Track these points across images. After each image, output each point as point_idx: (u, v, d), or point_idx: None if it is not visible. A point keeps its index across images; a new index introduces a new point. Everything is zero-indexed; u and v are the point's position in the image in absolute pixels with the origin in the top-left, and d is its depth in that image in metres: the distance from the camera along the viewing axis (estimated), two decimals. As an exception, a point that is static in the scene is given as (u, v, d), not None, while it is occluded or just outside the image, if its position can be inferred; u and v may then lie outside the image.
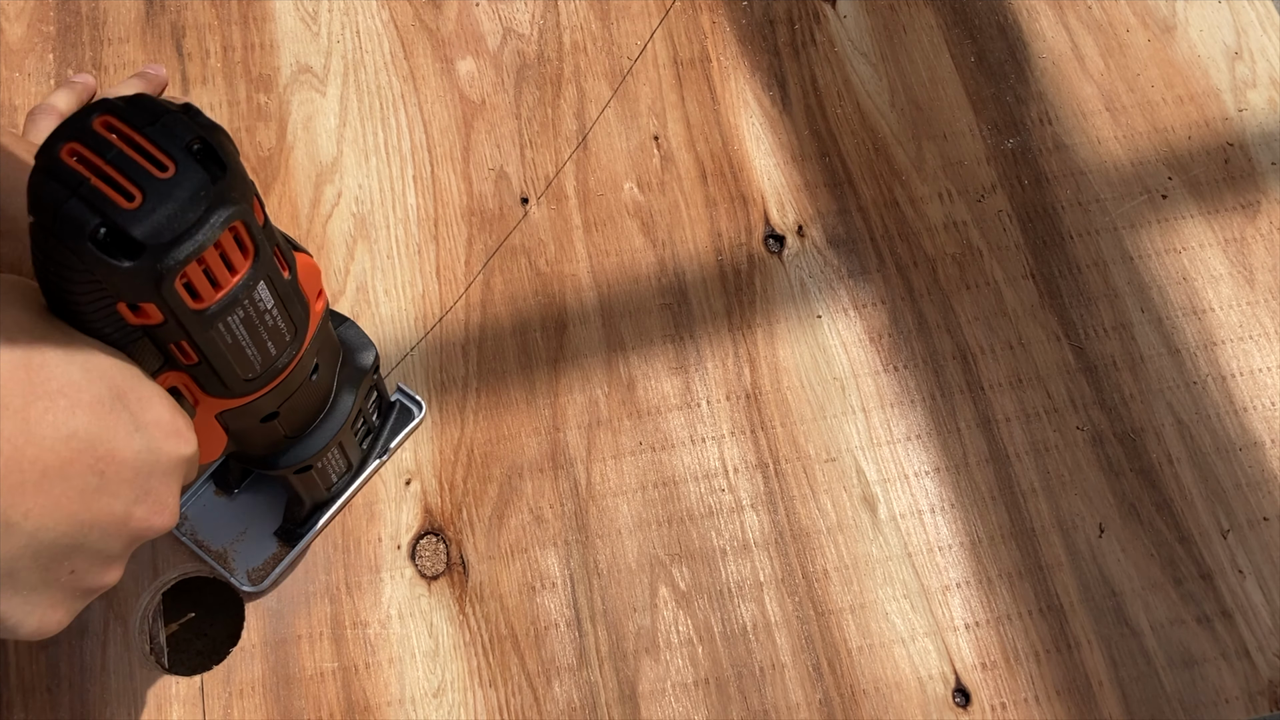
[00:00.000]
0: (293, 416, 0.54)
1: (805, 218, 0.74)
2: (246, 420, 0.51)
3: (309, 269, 0.49)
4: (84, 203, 0.39)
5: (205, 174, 0.40)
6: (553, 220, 0.73)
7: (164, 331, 0.43)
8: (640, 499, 0.66)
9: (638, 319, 0.71)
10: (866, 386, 0.69)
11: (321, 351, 0.53)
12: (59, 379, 0.40)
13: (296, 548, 0.62)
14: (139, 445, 0.42)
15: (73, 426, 0.39)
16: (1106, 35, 0.81)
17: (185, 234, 0.40)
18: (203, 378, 0.46)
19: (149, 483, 0.43)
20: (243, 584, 0.62)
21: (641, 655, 0.62)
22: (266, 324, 0.46)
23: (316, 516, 0.63)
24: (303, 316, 0.49)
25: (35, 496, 0.38)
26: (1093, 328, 0.71)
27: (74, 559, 0.41)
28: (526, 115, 0.77)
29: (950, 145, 0.77)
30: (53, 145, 0.40)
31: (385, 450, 0.65)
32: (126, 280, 0.40)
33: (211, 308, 0.43)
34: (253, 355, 0.47)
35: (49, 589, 0.41)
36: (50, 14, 0.79)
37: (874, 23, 0.81)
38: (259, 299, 0.45)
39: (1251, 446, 0.68)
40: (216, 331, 0.44)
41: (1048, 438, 0.68)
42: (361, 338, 0.58)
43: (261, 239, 0.43)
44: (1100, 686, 0.62)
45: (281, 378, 0.49)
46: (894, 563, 0.64)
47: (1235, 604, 0.64)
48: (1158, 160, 0.77)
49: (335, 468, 0.61)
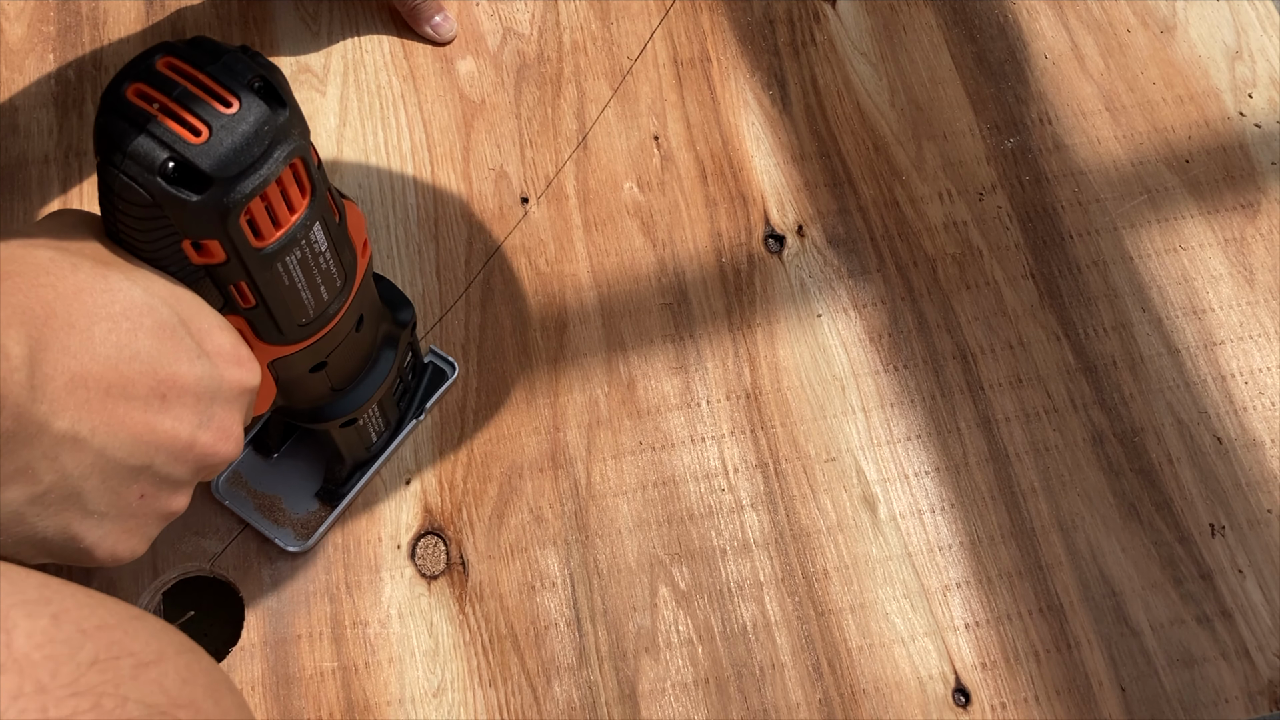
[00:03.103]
0: (340, 367, 0.55)
1: (805, 218, 0.74)
2: (297, 370, 0.52)
3: (356, 217, 0.50)
4: (152, 138, 0.40)
5: (268, 110, 0.41)
6: (553, 220, 0.74)
7: (225, 271, 0.44)
8: (640, 499, 0.66)
9: (638, 319, 0.71)
10: (866, 386, 0.69)
11: (366, 303, 0.54)
12: (123, 301, 0.40)
13: (338, 507, 0.64)
14: (201, 371, 0.43)
15: (136, 348, 0.40)
16: (1106, 35, 0.81)
17: (250, 168, 0.41)
18: (259, 322, 0.47)
19: (212, 409, 0.43)
20: (287, 544, 0.63)
21: (641, 655, 0.62)
22: (320, 267, 0.47)
23: (357, 476, 0.64)
24: (351, 263, 0.50)
25: (100, 413, 0.39)
26: (1093, 328, 0.71)
27: (141, 482, 0.42)
28: (526, 115, 0.77)
29: (950, 145, 0.77)
30: (118, 86, 0.41)
31: (421, 410, 0.66)
32: (193, 215, 0.41)
33: (271, 246, 0.44)
34: (307, 299, 0.48)
35: (120, 514, 0.42)
36: (50, 14, 0.79)
37: (874, 23, 0.81)
38: (314, 240, 0.46)
39: (1251, 446, 0.68)
40: (275, 272, 0.45)
41: (1048, 438, 0.68)
42: (399, 295, 0.59)
43: (318, 178, 0.45)
44: (1100, 686, 0.62)
45: (331, 325, 0.51)
46: (894, 563, 0.64)
47: (1235, 604, 0.64)
48: (1158, 160, 0.77)
49: (375, 426, 0.62)
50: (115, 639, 0.34)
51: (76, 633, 0.33)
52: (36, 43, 0.78)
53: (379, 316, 0.57)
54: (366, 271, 0.52)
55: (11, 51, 0.78)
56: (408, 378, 0.64)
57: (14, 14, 0.79)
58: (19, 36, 0.78)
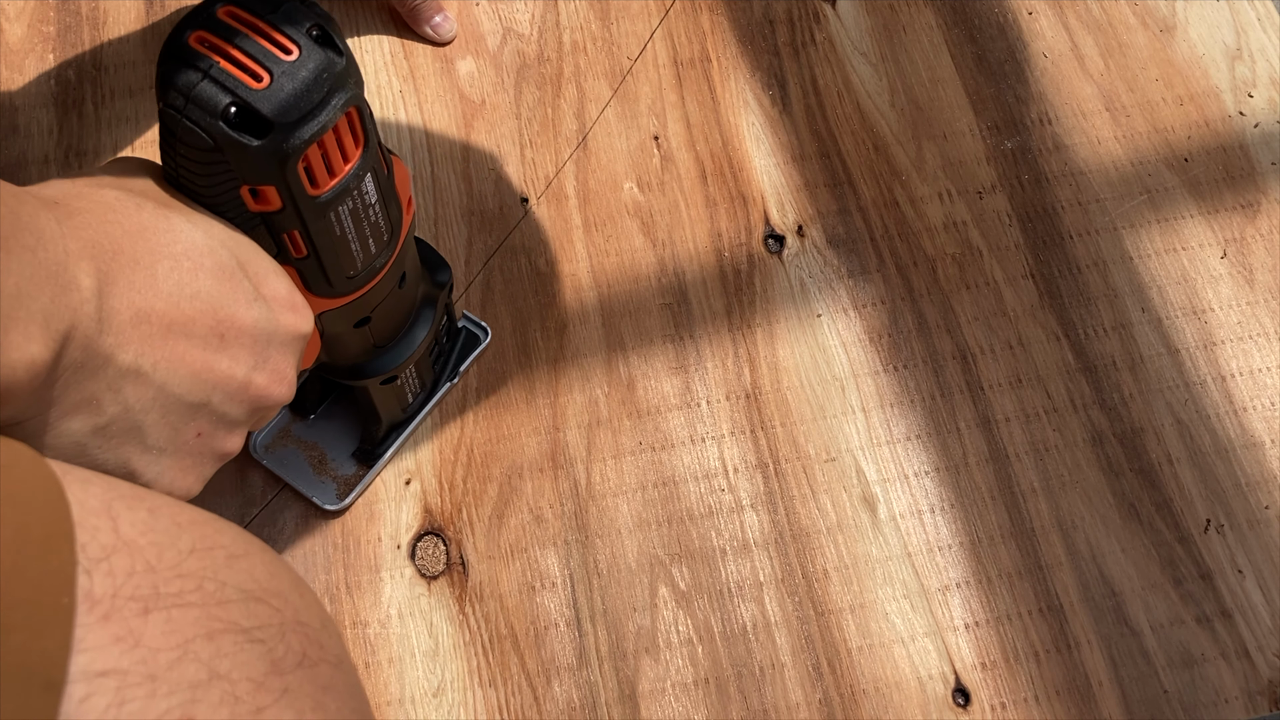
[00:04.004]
0: (382, 324, 0.56)
1: (805, 218, 0.74)
2: (343, 324, 0.53)
3: (403, 173, 0.51)
4: (215, 84, 0.41)
5: (326, 57, 0.42)
6: (553, 220, 0.73)
7: (280, 219, 0.45)
8: (640, 499, 0.66)
9: (638, 319, 0.71)
10: (866, 386, 0.69)
11: (408, 261, 0.55)
12: (184, 242, 0.41)
13: (375, 467, 0.65)
14: (258, 314, 0.43)
15: (196, 287, 0.41)
16: (1106, 35, 0.81)
17: (310, 114, 0.42)
18: (309, 273, 0.48)
19: (267, 351, 0.44)
20: (326, 502, 0.64)
21: (641, 655, 0.62)
22: (369, 220, 0.48)
23: (394, 437, 0.65)
24: (398, 218, 0.51)
25: (161, 349, 0.40)
26: (1093, 328, 0.71)
27: (199, 420, 0.43)
28: (526, 115, 0.77)
29: (950, 145, 0.77)
30: (180, 34, 0.42)
31: (455, 374, 0.67)
32: (254, 160, 0.42)
33: (326, 194, 0.45)
34: (356, 250, 0.49)
35: (177, 451, 0.43)
36: (50, 14, 0.79)
37: (874, 23, 0.81)
38: (366, 191, 0.47)
39: (1251, 446, 0.68)
40: (328, 221, 0.46)
41: (1048, 438, 0.68)
42: (437, 257, 0.60)
43: (371, 128, 0.46)
44: (1100, 686, 0.62)
45: (377, 279, 0.52)
46: (894, 563, 0.64)
47: (1235, 604, 0.64)
48: (1158, 160, 0.77)
49: (411, 387, 0.64)
50: (206, 533, 0.35)
51: (172, 525, 0.34)
52: (36, 43, 0.78)
53: (419, 276, 0.58)
54: (410, 228, 0.53)
55: (11, 51, 0.78)
56: (443, 341, 0.65)
57: (14, 14, 0.79)
58: (19, 36, 0.78)
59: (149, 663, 0.30)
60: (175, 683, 0.30)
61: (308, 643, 0.35)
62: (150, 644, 0.30)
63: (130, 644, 0.30)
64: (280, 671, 0.34)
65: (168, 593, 0.32)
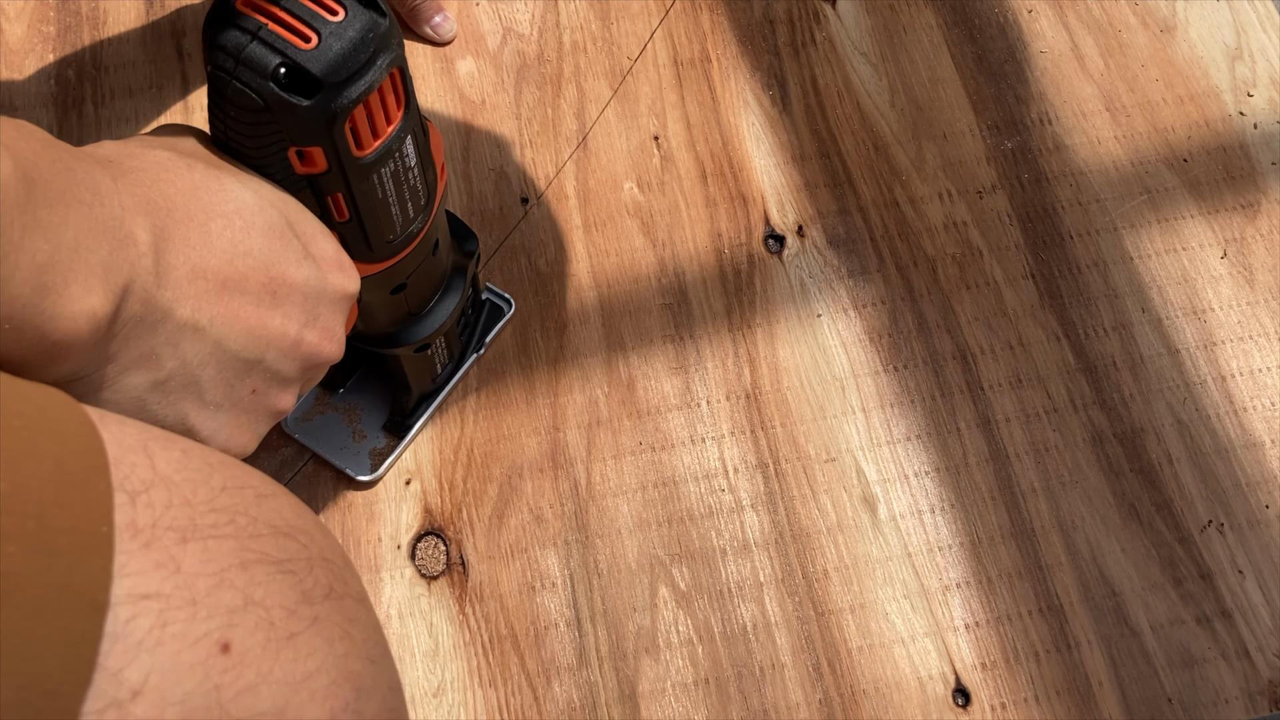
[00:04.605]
0: (418, 290, 0.57)
1: (805, 218, 0.74)
2: (380, 291, 0.54)
3: (436, 138, 0.52)
4: (264, 45, 0.42)
5: (372, 17, 0.43)
6: (553, 220, 0.73)
7: (326, 181, 0.46)
8: (640, 499, 0.66)
9: (638, 319, 0.71)
10: (866, 386, 0.69)
11: (440, 228, 0.56)
12: (234, 201, 0.42)
13: (406, 438, 0.66)
14: (308, 273, 0.44)
15: (248, 245, 0.42)
16: (1106, 35, 0.81)
17: (357, 73, 0.43)
18: (351, 237, 0.49)
19: (317, 309, 0.45)
20: (358, 473, 0.64)
21: (641, 655, 0.62)
22: (409, 183, 0.49)
23: (423, 408, 0.66)
24: (433, 182, 0.52)
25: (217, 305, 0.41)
26: (1093, 328, 0.71)
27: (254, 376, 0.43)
28: (526, 115, 0.77)
29: (950, 145, 0.77)
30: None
31: (481, 345, 0.68)
32: (303, 120, 0.43)
33: (370, 155, 0.46)
34: (396, 214, 0.50)
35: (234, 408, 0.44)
36: (50, 14, 0.79)
37: (874, 23, 0.81)
38: (406, 154, 0.48)
39: (1251, 446, 0.68)
40: (371, 184, 0.47)
41: (1048, 438, 0.68)
42: (464, 227, 0.61)
43: (412, 91, 0.47)
44: (1100, 686, 0.62)
45: (414, 244, 0.53)
46: (894, 563, 0.64)
47: (1235, 604, 0.64)
48: (1158, 160, 0.77)
49: (441, 357, 0.65)
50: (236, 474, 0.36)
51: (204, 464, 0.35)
52: (36, 43, 0.78)
53: (449, 245, 0.59)
54: (443, 194, 0.54)
55: (11, 51, 0.78)
56: (468, 312, 0.66)
57: (14, 14, 0.79)
58: (19, 36, 0.78)
59: (189, 588, 0.31)
60: (214, 607, 0.32)
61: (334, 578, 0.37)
62: (189, 570, 0.32)
63: (171, 570, 0.31)
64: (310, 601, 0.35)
65: (203, 525, 0.33)
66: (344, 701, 0.35)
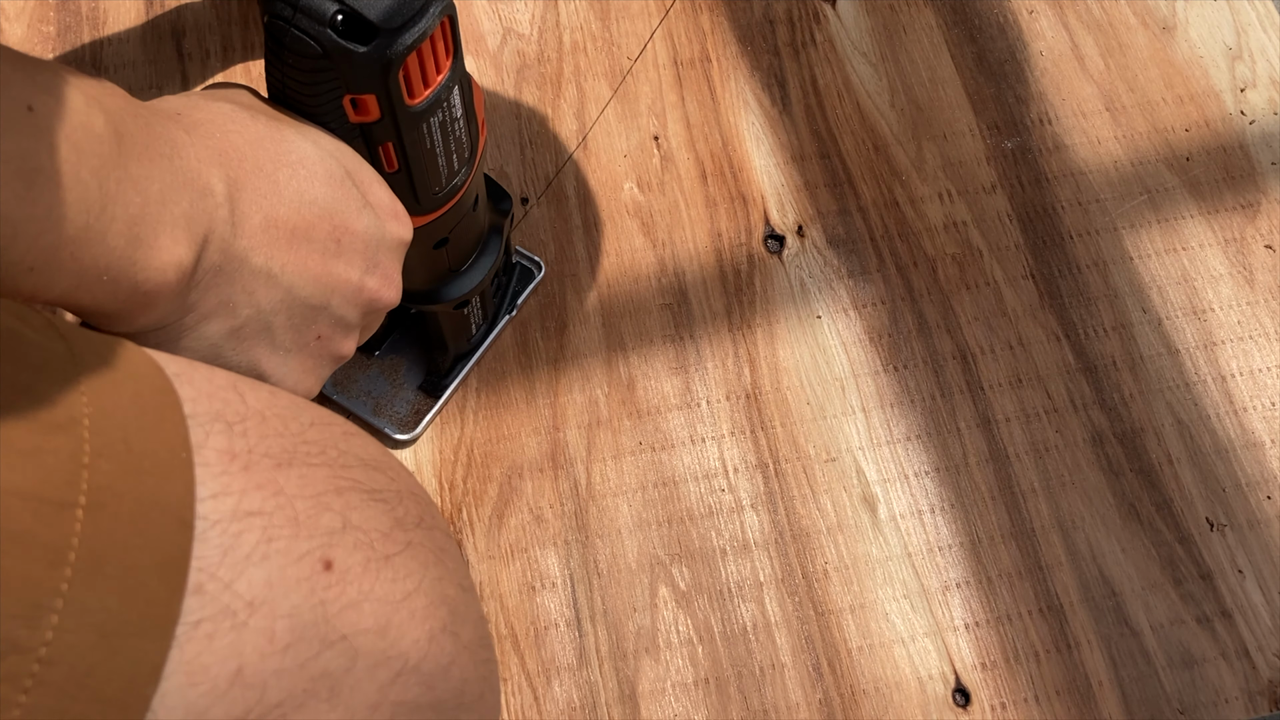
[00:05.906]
0: (458, 246, 0.58)
1: (805, 218, 0.74)
2: (423, 245, 0.55)
3: (478, 91, 0.53)
4: None
5: None
6: (553, 220, 0.73)
7: (378, 130, 0.47)
8: (640, 499, 0.66)
9: (638, 319, 0.71)
10: (866, 386, 0.69)
11: (479, 185, 0.57)
12: (297, 152, 0.43)
13: (442, 398, 0.67)
14: (368, 221, 0.45)
15: (313, 194, 0.43)
16: (1106, 35, 0.81)
17: (411, 20, 0.44)
18: (399, 189, 0.50)
19: (377, 255, 0.46)
20: (395, 432, 0.66)
21: (641, 655, 0.62)
22: (454, 134, 0.50)
23: (459, 368, 0.67)
24: (476, 135, 0.53)
25: (287, 252, 0.42)
26: (1093, 328, 0.71)
27: (319, 322, 0.45)
28: (526, 115, 0.77)
29: (950, 145, 0.77)
30: None
31: (513, 307, 0.69)
32: (359, 67, 0.44)
33: (420, 104, 0.47)
34: (442, 165, 0.51)
35: (302, 352, 0.45)
36: (50, 14, 0.79)
37: (874, 23, 0.81)
38: (453, 104, 0.49)
39: (1251, 446, 0.68)
40: (420, 133, 0.48)
41: (1048, 438, 0.68)
42: (498, 187, 0.62)
43: (459, 41, 0.48)
44: (1100, 686, 0.62)
45: (457, 197, 0.54)
46: (894, 563, 0.64)
47: (1235, 604, 0.64)
48: (1158, 160, 0.77)
49: (476, 317, 0.66)
50: (322, 412, 0.38)
51: (292, 402, 0.37)
52: (36, 43, 0.78)
53: (486, 203, 0.60)
54: (484, 149, 0.55)
55: (11, 51, 0.78)
56: (500, 274, 0.67)
57: (14, 14, 0.79)
58: (19, 36, 0.78)
59: (289, 508, 0.33)
60: (314, 527, 0.33)
61: (422, 510, 0.39)
62: (289, 492, 0.33)
63: (272, 491, 0.33)
64: (404, 528, 0.36)
65: (299, 453, 0.35)
66: (442, 623, 0.36)
